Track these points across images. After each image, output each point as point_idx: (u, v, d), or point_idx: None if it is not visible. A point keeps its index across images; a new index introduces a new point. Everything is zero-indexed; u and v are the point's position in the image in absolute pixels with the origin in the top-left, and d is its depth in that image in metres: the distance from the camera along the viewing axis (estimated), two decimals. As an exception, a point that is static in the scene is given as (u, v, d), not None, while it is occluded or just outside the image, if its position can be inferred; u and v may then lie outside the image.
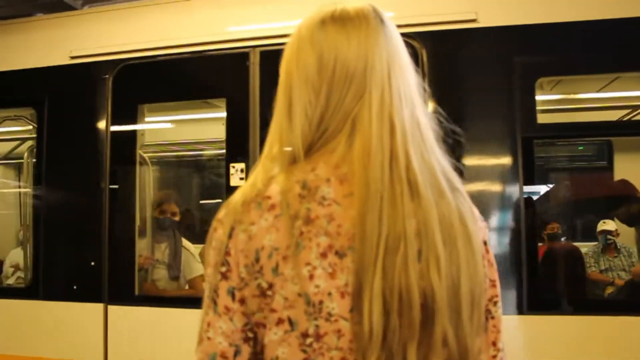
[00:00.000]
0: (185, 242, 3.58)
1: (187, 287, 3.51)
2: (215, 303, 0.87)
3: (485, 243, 0.95)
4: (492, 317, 0.97)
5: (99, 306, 3.08)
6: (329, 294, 0.83)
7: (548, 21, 2.67)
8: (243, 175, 2.89)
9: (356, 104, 0.89)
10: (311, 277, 0.83)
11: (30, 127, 4.74)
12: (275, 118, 0.94)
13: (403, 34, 0.99)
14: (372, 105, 0.88)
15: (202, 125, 4.79)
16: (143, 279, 3.41)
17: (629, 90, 3.80)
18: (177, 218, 3.57)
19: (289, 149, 0.91)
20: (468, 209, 0.91)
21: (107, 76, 3.18)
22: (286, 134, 0.92)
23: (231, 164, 2.93)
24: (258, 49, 2.97)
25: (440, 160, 0.91)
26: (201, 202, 5.55)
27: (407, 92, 0.91)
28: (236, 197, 0.89)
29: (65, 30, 3.38)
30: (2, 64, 3.38)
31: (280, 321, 0.84)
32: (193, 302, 3.04)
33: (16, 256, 5.71)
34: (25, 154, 4.68)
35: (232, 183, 2.91)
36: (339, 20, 0.93)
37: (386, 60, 0.91)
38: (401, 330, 0.82)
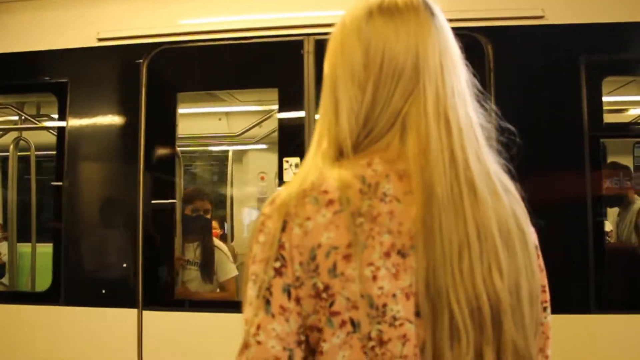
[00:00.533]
0: (218, 242, 3.35)
1: (218, 290, 3.28)
2: (267, 302, 0.80)
3: (536, 247, 0.92)
4: (542, 324, 0.93)
5: (132, 312, 2.82)
6: (394, 295, 0.79)
7: (616, 20, 2.67)
8: (297, 170, 2.72)
9: (406, 100, 0.85)
10: (374, 277, 0.79)
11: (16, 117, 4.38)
12: (322, 113, 0.91)
13: (469, 28, 0.91)
14: (427, 102, 0.84)
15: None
16: (179, 282, 3.16)
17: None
18: (209, 216, 3.33)
19: (337, 144, 0.88)
20: (522, 211, 0.89)
21: (141, 60, 2.92)
22: (334, 129, 0.88)
23: (284, 159, 2.76)
24: (313, 37, 2.81)
25: (490, 158, 0.88)
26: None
27: (460, 88, 0.87)
28: (287, 190, 0.84)
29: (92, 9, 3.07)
30: (16, 45, 3.04)
31: (343, 323, 0.79)
32: (231, 306, 2.93)
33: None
34: (11, 147, 4.30)
35: (286, 178, 2.74)
36: (386, 11, 0.88)
37: (439, 55, 0.87)
38: (475, 335, 0.79)
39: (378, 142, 0.87)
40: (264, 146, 4.91)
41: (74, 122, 2.98)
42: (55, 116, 4.86)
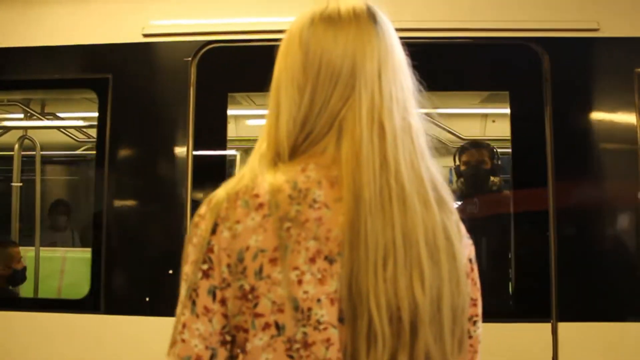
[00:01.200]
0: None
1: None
2: (193, 303, 0.83)
3: (470, 261, 0.95)
4: (470, 337, 0.96)
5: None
6: (318, 300, 0.81)
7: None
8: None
9: (343, 105, 0.87)
10: (300, 282, 0.81)
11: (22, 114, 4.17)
12: (267, 116, 0.93)
13: (524, 39, 0.94)
14: (362, 108, 0.86)
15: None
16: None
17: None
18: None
19: (276, 147, 0.90)
20: (454, 223, 0.90)
21: (189, 59, 2.81)
22: (274, 132, 0.90)
23: None
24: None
25: (431, 168, 0.89)
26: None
27: (399, 95, 0.89)
28: (220, 192, 0.86)
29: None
30: (54, 38, 2.87)
31: (266, 326, 0.82)
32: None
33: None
34: (16, 146, 4.10)
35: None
36: (327, 18, 0.91)
37: (377, 61, 0.88)
38: (392, 341, 0.81)
39: (315, 146, 0.88)
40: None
41: (116, 120, 2.83)
42: (62, 114, 4.72)
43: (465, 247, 0.93)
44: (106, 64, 2.87)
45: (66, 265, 5.05)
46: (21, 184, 4.20)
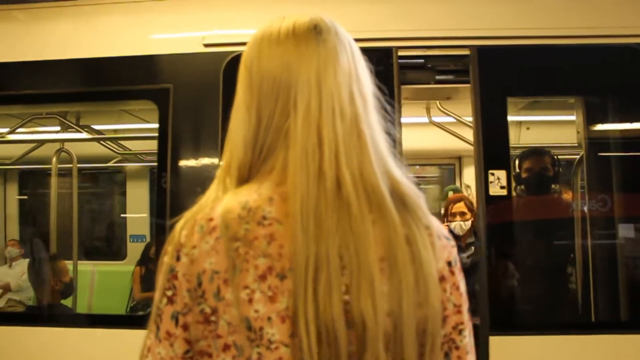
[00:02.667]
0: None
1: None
2: (157, 327, 0.86)
3: (449, 264, 0.90)
4: (457, 347, 0.90)
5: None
6: (269, 318, 0.80)
7: None
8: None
9: (286, 118, 0.87)
10: (250, 300, 0.81)
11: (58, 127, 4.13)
12: (225, 140, 0.94)
13: None
14: (298, 118, 0.85)
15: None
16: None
17: None
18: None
19: (234, 169, 0.90)
20: (422, 228, 0.87)
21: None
22: (229, 154, 0.91)
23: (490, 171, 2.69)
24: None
25: (392, 174, 0.87)
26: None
27: (344, 102, 0.86)
28: (182, 219, 0.88)
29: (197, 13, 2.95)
30: (113, 49, 2.87)
31: (226, 347, 0.82)
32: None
33: (4, 275, 4.92)
34: (54, 159, 4.07)
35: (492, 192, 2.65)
36: (268, 37, 0.91)
37: (315, 70, 0.87)
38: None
39: (268, 162, 0.88)
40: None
41: (177, 130, 2.82)
42: (98, 127, 4.69)
43: (443, 249, 0.89)
44: (167, 75, 2.87)
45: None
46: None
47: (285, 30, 0.90)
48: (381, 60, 2.77)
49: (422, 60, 2.85)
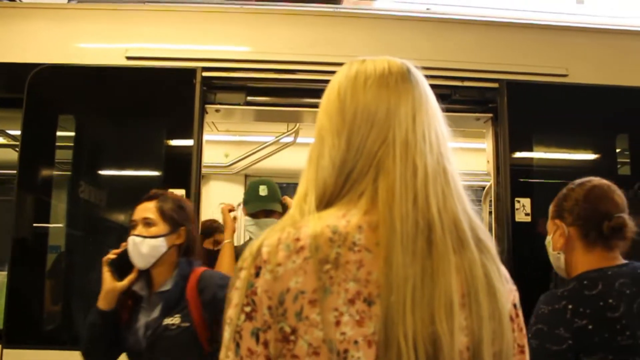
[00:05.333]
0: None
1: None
2: (237, 345, 0.85)
3: (515, 306, 0.95)
4: None
5: None
6: (355, 342, 0.81)
7: None
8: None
9: (380, 146, 0.91)
10: (337, 323, 0.81)
11: None
12: (307, 164, 0.97)
13: None
14: (396, 147, 0.90)
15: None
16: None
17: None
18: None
19: (318, 194, 0.93)
20: (494, 266, 0.90)
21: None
22: (314, 177, 0.94)
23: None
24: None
25: (469, 212, 0.92)
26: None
27: (433, 138, 0.92)
28: (264, 237, 0.89)
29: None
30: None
31: None
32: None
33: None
34: None
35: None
36: (363, 73, 0.97)
37: (412, 106, 0.93)
38: None
39: (355, 188, 0.90)
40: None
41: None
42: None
43: (510, 292, 0.93)
44: None
45: None
46: None
47: (382, 69, 0.95)
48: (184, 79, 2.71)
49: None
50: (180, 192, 2.60)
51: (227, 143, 4.88)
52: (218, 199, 5.57)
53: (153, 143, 2.81)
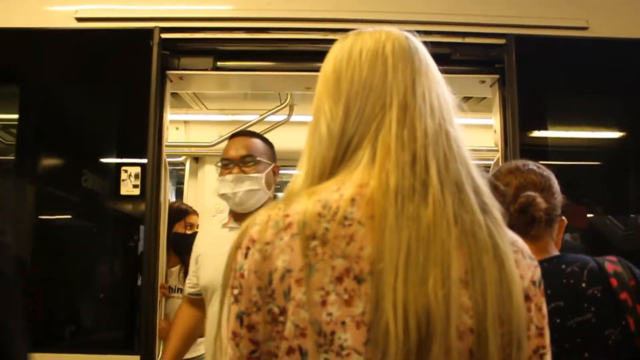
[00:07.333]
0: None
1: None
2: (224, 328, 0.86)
3: (534, 283, 0.87)
4: None
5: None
6: (343, 323, 0.77)
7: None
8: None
9: (378, 111, 0.88)
10: (324, 303, 0.78)
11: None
12: (307, 136, 0.94)
13: None
14: (393, 110, 0.87)
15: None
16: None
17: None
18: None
19: (316, 165, 0.90)
20: (501, 230, 0.85)
21: None
22: (313, 148, 0.91)
23: None
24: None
25: (474, 176, 0.87)
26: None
27: (434, 102, 0.90)
28: (256, 215, 0.87)
29: None
30: None
31: (290, 350, 0.79)
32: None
33: None
34: None
35: None
36: (362, 44, 0.95)
37: (410, 70, 0.91)
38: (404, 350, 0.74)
39: (354, 156, 0.87)
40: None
41: None
42: None
43: (528, 268, 0.87)
44: None
45: None
46: None
47: (378, 39, 0.94)
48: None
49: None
50: (135, 170, 2.28)
51: (218, 123, 4.56)
52: (214, 183, 5.31)
53: (107, 115, 2.49)
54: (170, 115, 2.57)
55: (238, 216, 2.17)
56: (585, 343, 1.28)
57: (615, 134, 2.68)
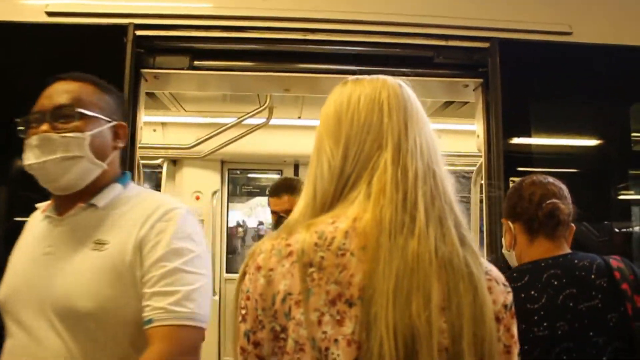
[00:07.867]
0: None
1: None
2: (235, 343, 0.95)
3: (505, 307, 0.96)
4: None
5: None
6: (336, 340, 0.86)
7: None
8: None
9: (375, 150, 0.97)
10: (319, 322, 0.87)
11: None
12: (308, 171, 1.03)
13: None
14: (389, 151, 0.96)
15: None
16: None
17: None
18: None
19: (316, 199, 0.98)
20: (477, 261, 0.93)
21: None
22: (314, 183, 1.00)
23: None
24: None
25: (456, 214, 0.96)
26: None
27: (423, 144, 0.99)
28: (261, 243, 0.95)
29: None
30: None
31: None
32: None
33: None
34: None
35: None
36: (361, 90, 1.03)
37: (403, 113, 1.00)
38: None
39: (351, 193, 0.95)
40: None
41: None
42: None
43: (501, 294, 0.96)
44: None
45: None
46: None
47: (375, 86, 1.03)
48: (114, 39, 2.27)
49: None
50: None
51: (196, 125, 4.48)
52: (192, 186, 5.22)
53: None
54: (147, 116, 2.49)
55: (59, 201, 1.46)
56: (591, 323, 1.54)
57: (597, 140, 2.65)
